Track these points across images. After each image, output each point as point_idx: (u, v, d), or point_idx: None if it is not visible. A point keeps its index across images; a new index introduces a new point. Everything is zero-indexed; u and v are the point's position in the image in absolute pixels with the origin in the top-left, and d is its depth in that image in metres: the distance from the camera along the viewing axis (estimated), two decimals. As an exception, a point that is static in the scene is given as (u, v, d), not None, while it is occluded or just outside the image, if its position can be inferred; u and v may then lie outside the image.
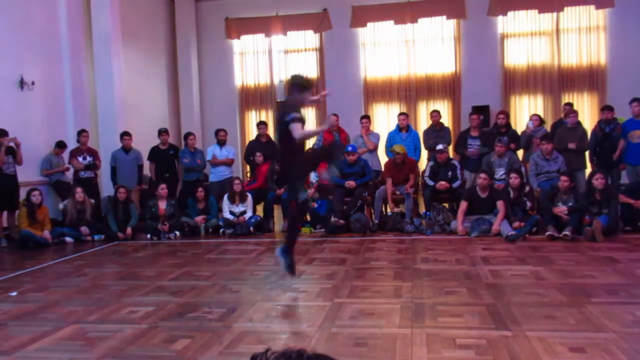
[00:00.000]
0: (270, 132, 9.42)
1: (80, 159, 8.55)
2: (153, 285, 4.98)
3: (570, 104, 9.09)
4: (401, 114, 9.15)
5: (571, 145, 7.94)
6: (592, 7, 10.56)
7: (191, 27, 11.88)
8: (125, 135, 8.74)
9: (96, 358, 3.24)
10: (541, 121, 8.93)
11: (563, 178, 7.00)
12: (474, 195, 7.30)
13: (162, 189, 8.13)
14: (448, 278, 4.83)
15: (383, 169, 8.53)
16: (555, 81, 10.79)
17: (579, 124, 8.46)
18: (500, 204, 7.09)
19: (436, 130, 8.96)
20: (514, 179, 7.25)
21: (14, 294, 4.89)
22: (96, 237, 7.89)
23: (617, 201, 6.98)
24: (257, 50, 11.93)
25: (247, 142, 10.32)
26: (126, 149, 8.77)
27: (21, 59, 8.32)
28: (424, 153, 9.26)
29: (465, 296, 4.25)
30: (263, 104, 11.93)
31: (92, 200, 8.18)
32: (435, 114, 9.11)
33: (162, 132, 9.09)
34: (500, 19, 10.92)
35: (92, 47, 9.31)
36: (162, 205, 8.08)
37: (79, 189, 7.94)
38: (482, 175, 7.27)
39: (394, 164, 8.15)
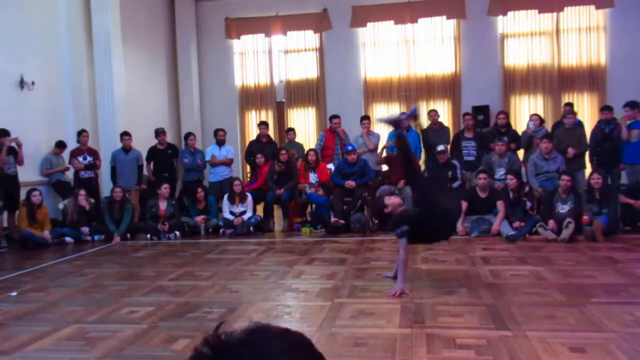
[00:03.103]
0: (271, 132, 9.41)
1: (80, 159, 8.54)
2: (153, 285, 4.98)
3: (570, 104, 9.07)
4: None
5: (570, 153, 7.92)
6: (592, 7, 10.54)
7: (191, 27, 11.86)
8: (125, 135, 8.74)
9: (96, 358, 3.24)
10: (542, 121, 8.91)
11: (565, 177, 6.98)
12: (474, 195, 7.30)
13: (165, 188, 8.11)
14: (448, 278, 4.83)
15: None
16: (555, 81, 10.77)
17: (578, 124, 8.44)
18: (500, 204, 7.08)
19: (434, 129, 8.96)
20: (510, 180, 7.24)
21: (14, 294, 4.89)
22: (96, 237, 7.89)
23: (617, 201, 6.98)
24: (257, 50, 11.92)
25: (247, 142, 10.31)
26: (126, 149, 8.76)
27: (21, 59, 8.32)
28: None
29: (465, 296, 4.25)
30: (263, 104, 11.91)
31: (92, 200, 8.18)
32: (434, 113, 9.12)
33: (160, 133, 9.08)
34: (500, 19, 10.91)
35: (92, 47, 9.30)
36: (162, 205, 8.07)
37: (82, 192, 7.92)
38: (482, 175, 7.26)
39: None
